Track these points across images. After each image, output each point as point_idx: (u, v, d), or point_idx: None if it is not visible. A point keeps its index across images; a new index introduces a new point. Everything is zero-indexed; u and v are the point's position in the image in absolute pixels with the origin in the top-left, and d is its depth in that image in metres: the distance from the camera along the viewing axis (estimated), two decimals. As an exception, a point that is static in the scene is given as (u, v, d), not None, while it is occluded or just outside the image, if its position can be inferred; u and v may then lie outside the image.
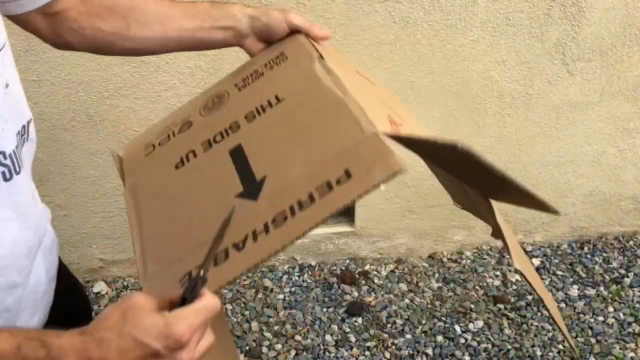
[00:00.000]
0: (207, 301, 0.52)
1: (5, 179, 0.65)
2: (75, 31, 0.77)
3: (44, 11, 0.76)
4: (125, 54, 0.84)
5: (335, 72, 0.69)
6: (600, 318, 1.87)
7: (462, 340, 1.80)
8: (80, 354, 0.49)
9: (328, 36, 0.81)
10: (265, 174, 0.62)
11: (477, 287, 1.98)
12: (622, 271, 2.05)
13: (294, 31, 0.80)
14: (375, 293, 1.96)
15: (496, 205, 0.74)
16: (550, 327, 1.84)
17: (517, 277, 2.02)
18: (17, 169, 0.67)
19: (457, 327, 1.84)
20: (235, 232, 0.59)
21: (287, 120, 0.68)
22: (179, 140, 0.78)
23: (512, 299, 1.93)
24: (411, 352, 1.77)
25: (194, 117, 0.80)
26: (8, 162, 0.65)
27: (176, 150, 0.76)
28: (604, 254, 2.13)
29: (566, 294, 1.96)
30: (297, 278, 2.02)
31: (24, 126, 0.70)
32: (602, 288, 1.98)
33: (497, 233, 0.74)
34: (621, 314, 1.88)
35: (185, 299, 0.53)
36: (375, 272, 2.04)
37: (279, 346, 1.78)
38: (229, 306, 1.90)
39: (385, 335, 1.82)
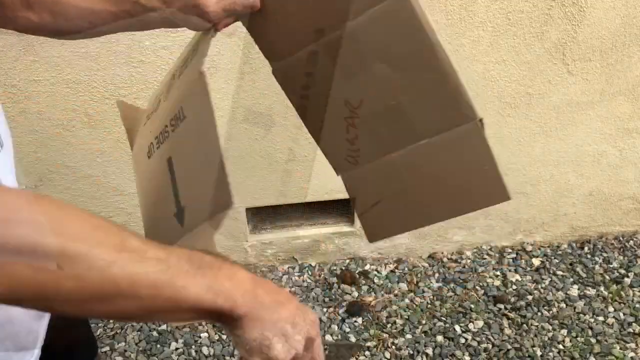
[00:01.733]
0: None
1: None
2: (9, 18, 0.75)
3: None
4: (58, 38, 0.82)
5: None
6: (601, 318, 1.87)
7: (462, 340, 1.80)
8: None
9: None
10: (184, 204, 0.64)
11: (477, 287, 1.98)
12: (622, 271, 2.05)
13: None
14: (375, 293, 1.96)
15: None
16: (551, 327, 1.84)
17: (517, 277, 2.03)
18: None
19: (457, 327, 1.84)
20: None
21: (190, 141, 0.67)
22: (150, 123, 0.76)
23: (512, 299, 1.93)
24: (411, 352, 1.77)
25: (162, 97, 0.77)
26: None
27: (148, 135, 0.75)
28: (604, 254, 2.13)
29: (566, 293, 1.96)
30: (297, 278, 2.02)
31: None
32: (602, 288, 1.98)
33: None
34: (621, 314, 1.88)
35: None
36: (375, 272, 2.04)
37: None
38: (229, 306, 1.90)
39: (385, 335, 1.81)
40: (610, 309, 1.90)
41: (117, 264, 0.43)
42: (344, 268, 2.05)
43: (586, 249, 2.15)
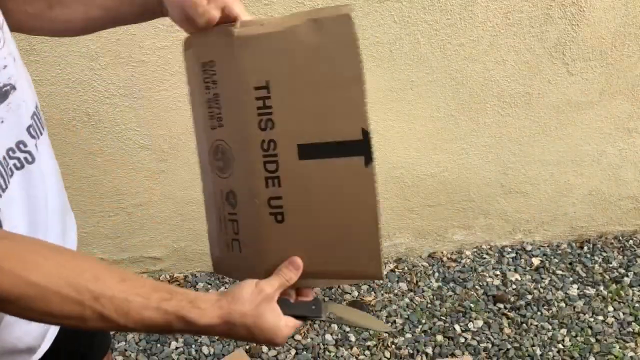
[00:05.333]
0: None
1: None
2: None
3: None
4: (44, 34, 0.82)
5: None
6: (600, 317, 1.87)
7: (462, 340, 1.81)
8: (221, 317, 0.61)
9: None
10: None
11: (476, 287, 1.99)
12: (622, 270, 2.05)
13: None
14: (375, 292, 1.96)
15: None
16: (550, 327, 1.84)
17: (517, 276, 2.03)
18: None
19: (457, 327, 1.84)
20: None
21: None
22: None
23: (512, 299, 1.94)
24: (411, 351, 1.77)
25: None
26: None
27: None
28: (604, 254, 2.13)
29: (566, 293, 1.96)
30: (297, 277, 2.02)
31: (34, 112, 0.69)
32: (601, 287, 1.98)
33: None
34: (621, 314, 1.88)
35: (305, 317, 0.68)
36: (375, 272, 2.04)
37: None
38: (229, 306, 1.90)
39: (385, 335, 1.82)
40: (610, 308, 1.91)
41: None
42: (343, 267, 2.05)
43: (586, 248, 2.16)
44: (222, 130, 0.67)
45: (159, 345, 1.79)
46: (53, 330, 0.77)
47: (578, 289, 1.98)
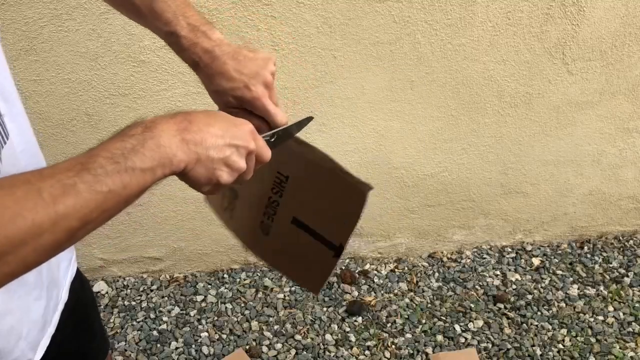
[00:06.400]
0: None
1: None
2: None
3: None
4: None
5: None
6: (600, 317, 1.87)
7: (462, 340, 1.81)
8: (176, 123, 0.55)
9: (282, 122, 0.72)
10: (333, 240, 0.79)
11: (477, 287, 1.99)
12: (622, 270, 2.05)
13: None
14: (375, 292, 1.96)
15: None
16: (550, 327, 1.84)
17: (517, 276, 2.03)
18: None
19: (457, 327, 1.84)
20: None
21: (305, 188, 0.81)
22: (241, 212, 0.88)
23: (512, 299, 1.94)
24: (411, 351, 1.77)
25: (227, 196, 0.90)
26: None
27: (248, 221, 0.86)
28: (604, 254, 2.13)
29: (566, 293, 1.96)
30: (297, 277, 2.02)
31: None
32: (602, 287, 1.98)
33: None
34: (621, 314, 1.88)
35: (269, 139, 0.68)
36: (375, 272, 2.04)
37: (279, 345, 1.78)
38: (229, 305, 1.90)
39: (385, 335, 1.82)
40: (610, 308, 1.91)
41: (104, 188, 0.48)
42: (343, 267, 2.05)
43: (586, 248, 2.16)
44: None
45: (159, 345, 1.79)
46: (46, 340, 0.77)
47: (578, 289, 1.98)
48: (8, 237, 0.42)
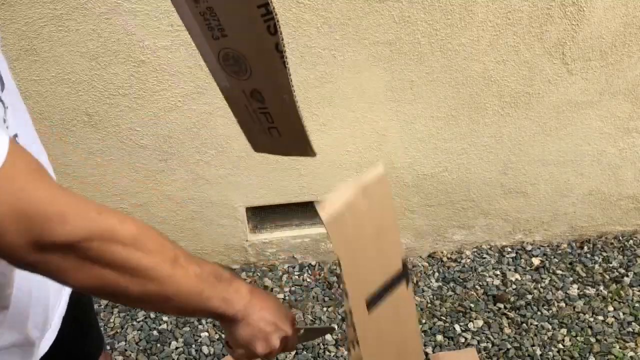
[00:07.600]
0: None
1: None
2: None
3: None
4: None
5: None
6: (600, 317, 1.87)
7: (462, 340, 1.81)
8: (244, 299, 0.67)
9: None
10: None
11: (476, 287, 1.99)
12: (622, 270, 2.05)
13: None
14: (375, 292, 1.96)
15: None
16: (550, 327, 1.84)
17: (517, 276, 2.03)
18: None
19: (457, 327, 1.84)
20: None
21: None
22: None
23: (512, 298, 1.94)
24: (411, 351, 1.77)
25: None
26: None
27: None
28: (604, 254, 2.13)
29: (566, 293, 1.96)
30: (297, 277, 2.02)
31: None
32: (601, 287, 1.98)
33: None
34: (621, 313, 1.88)
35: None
36: (375, 272, 2.04)
37: (279, 345, 1.78)
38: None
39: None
40: (610, 308, 1.91)
41: (170, 279, 0.58)
42: (343, 267, 2.05)
43: (586, 248, 2.16)
44: (228, 40, 0.73)
45: (159, 345, 1.79)
46: (51, 333, 0.78)
47: (578, 288, 1.98)
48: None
